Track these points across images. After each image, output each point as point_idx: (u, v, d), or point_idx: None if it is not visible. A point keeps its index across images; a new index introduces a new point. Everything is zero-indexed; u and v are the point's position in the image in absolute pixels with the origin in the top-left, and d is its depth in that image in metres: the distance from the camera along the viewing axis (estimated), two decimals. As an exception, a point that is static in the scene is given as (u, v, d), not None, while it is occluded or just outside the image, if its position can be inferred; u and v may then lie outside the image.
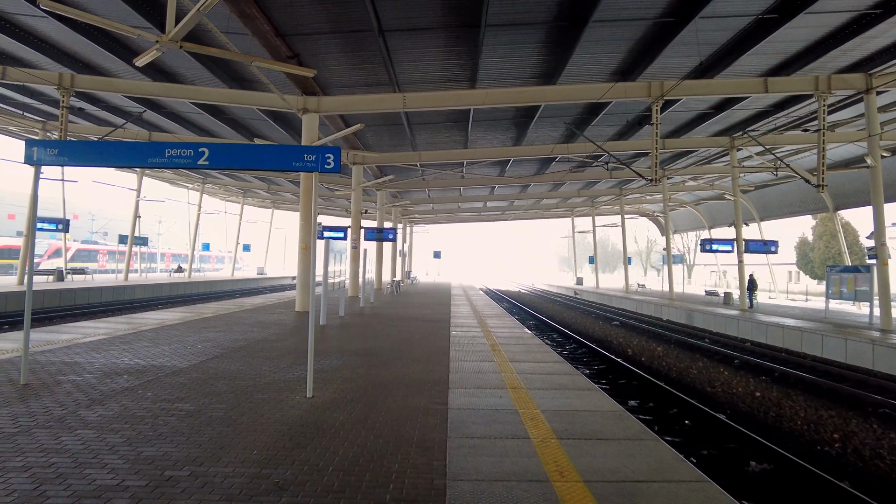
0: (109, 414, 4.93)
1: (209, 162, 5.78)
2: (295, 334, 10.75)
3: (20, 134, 26.81)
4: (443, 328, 12.48)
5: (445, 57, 14.61)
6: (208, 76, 15.43)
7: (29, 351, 7.56)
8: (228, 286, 38.69)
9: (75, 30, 12.83)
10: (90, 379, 6.26)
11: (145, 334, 10.04)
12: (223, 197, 49.69)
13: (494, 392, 6.17)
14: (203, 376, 6.61)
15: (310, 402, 5.55)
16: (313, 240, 6.75)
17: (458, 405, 5.56)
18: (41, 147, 5.85)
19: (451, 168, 29.08)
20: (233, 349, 8.66)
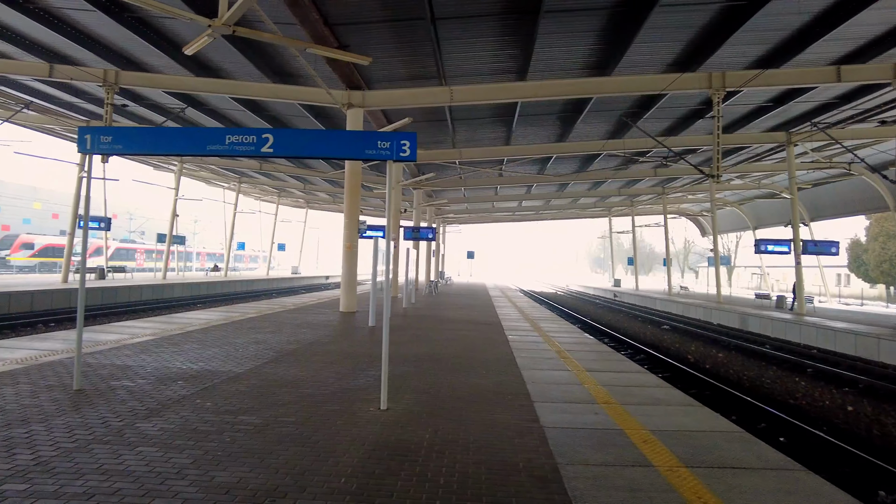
0: (170, 427, 4.43)
1: (273, 150, 5.26)
2: (346, 337, 10.25)
3: (63, 133, 27.13)
4: (496, 332, 11.84)
5: (496, 47, 13.98)
6: (251, 71, 15.10)
7: (71, 353, 7.20)
8: (264, 285, 38.75)
9: (121, 23, 12.57)
10: (144, 385, 5.81)
11: (193, 335, 9.66)
12: (258, 196, 49.96)
13: (586, 407, 5.50)
14: (262, 383, 6.11)
15: (386, 416, 4.97)
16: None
17: (551, 423, 4.92)
18: (94, 134, 5.41)
19: (489, 166, 28.41)
20: (286, 352, 8.18)
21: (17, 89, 19.99)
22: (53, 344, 8.25)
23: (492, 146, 23.75)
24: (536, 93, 15.35)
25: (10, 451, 3.80)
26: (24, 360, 6.93)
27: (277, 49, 13.82)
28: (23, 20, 13.07)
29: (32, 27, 13.53)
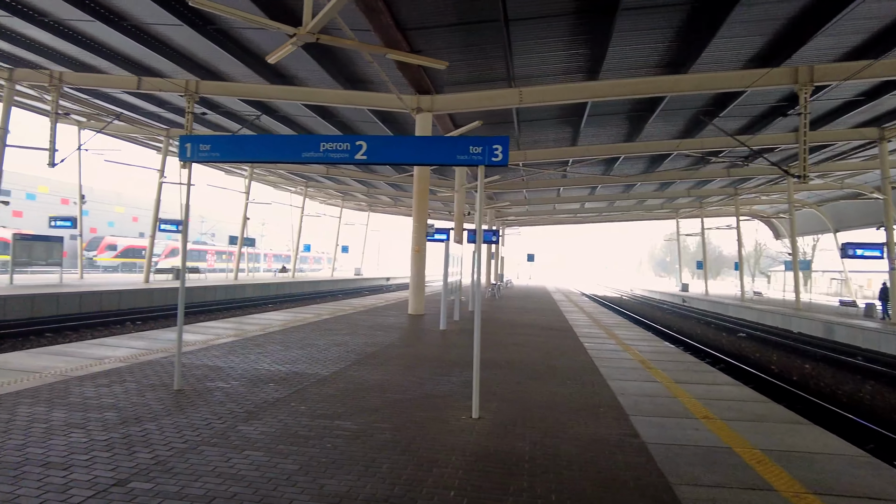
0: (271, 431, 4.51)
1: (367, 156, 5.30)
2: (420, 340, 10.27)
3: (145, 141, 28.73)
4: (570, 338, 11.58)
5: (567, 47, 13.71)
6: (324, 77, 15.45)
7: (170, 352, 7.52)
8: (329, 286, 39.68)
9: (204, 36, 13.14)
10: (238, 387, 5.98)
11: (274, 337, 9.93)
12: (323, 200, 51.29)
13: (685, 422, 5.24)
14: (350, 387, 6.17)
15: (479, 426, 4.89)
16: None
17: (653, 438, 4.70)
18: (194, 143, 5.62)
19: (553, 167, 27.98)
20: (367, 355, 8.26)
21: (108, 101, 21.31)
22: (147, 343, 8.66)
23: (557, 147, 23.37)
24: (609, 92, 14.94)
25: (130, 448, 3.97)
26: (125, 358, 7.30)
27: (350, 56, 14.08)
28: (117, 37, 13.90)
29: (124, 42, 14.37)
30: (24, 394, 5.32)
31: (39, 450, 3.87)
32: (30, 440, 4.05)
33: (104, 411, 4.83)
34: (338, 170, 32.88)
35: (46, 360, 7.01)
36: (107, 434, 4.24)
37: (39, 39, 15.02)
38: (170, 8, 11.85)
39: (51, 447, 3.92)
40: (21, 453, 3.79)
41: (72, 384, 5.77)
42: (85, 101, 21.61)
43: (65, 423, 4.48)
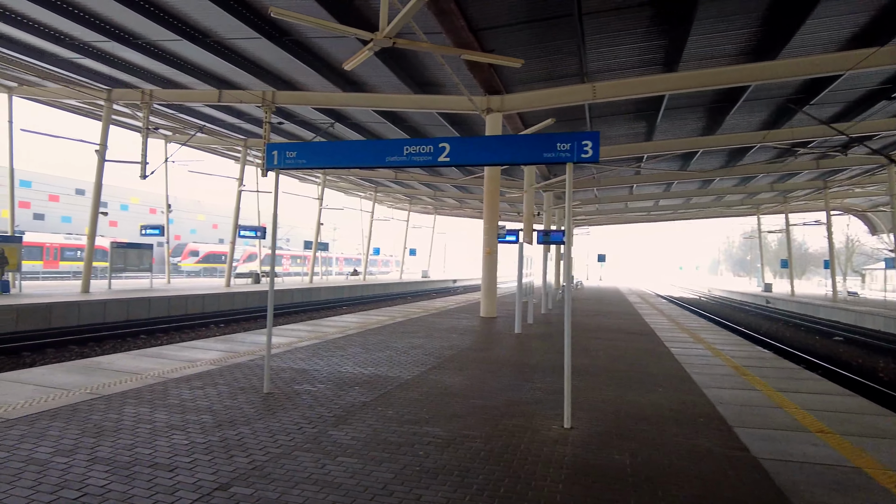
0: (361, 437, 4.48)
1: (450, 158, 5.20)
2: (496, 344, 10.10)
3: (224, 152, 30.16)
4: (653, 342, 11.06)
5: (643, 39, 13.16)
6: (394, 83, 15.61)
7: (256, 355, 7.74)
8: (398, 288, 40.21)
9: (281, 47, 13.56)
10: (324, 390, 6.04)
11: (353, 339, 10.05)
12: (390, 204, 52.15)
13: (800, 436, 4.79)
14: (432, 391, 6.09)
15: (573, 436, 4.67)
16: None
17: (764, 453, 4.32)
18: (280, 151, 5.72)
19: (626, 164, 27.07)
20: (445, 359, 8.19)
21: (191, 115, 22.50)
22: (234, 346, 8.97)
23: (631, 143, 22.57)
24: (688, 83, 14.22)
25: (228, 451, 4.04)
26: (215, 361, 7.57)
27: (421, 60, 14.14)
28: (201, 53, 14.61)
29: (207, 58, 15.08)
30: (128, 394, 5.58)
31: (147, 450, 4.01)
32: (137, 440, 4.20)
33: (201, 414, 4.98)
34: (406, 174, 33.29)
35: (145, 362, 7.37)
36: (205, 437, 4.35)
37: (132, 60, 16.02)
38: (249, 22, 12.30)
39: (156, 448, 4.06)
40: (131, 453, 3.94)
41: (169, 386, 6.01)
42: (171, 116, 22.93)
43: (167, 424, 4.63)
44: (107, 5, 12.28)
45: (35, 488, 3.36)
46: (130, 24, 13.21)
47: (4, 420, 4.62)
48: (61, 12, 12.64)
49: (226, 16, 12.03)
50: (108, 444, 4.13)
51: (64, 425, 4.52)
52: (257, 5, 11.88)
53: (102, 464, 3.74)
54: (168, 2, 12.05)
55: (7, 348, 11.77)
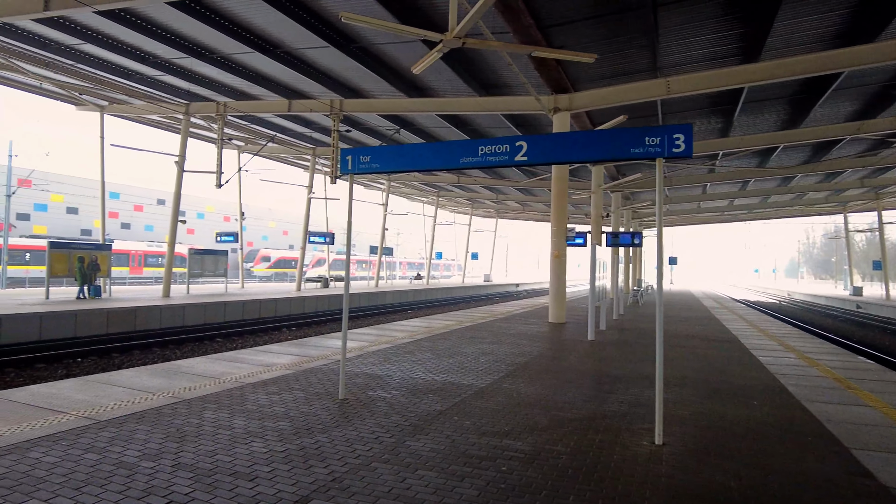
0: (440, 448, 4.30)
1: (528, 157, 4.97)
2: (569, 351, 9.72)
3: (293, 161, 31.08)
4: (739, 350, 10.34)
5: (721, 29, 12.42)
6: (459, 86, 15.50)
7: (329, 360, 7.77)
8: (461, 293, 40.14)
9: (348, 54, 13.73)
10: (399, 397, 5.92)
11: (422, 344, 9.95)
12: (452, 209, 52.28)
13: (934, 462, 4.23)
14: (509, 401, 5.85)
15: (666, 454, 4.31)
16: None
17: (895, 482, 3.81)
18: (355, 156, 5.67)
19: (699, 161, 25.83)
20: (518, 366, 7.92)
21: (262, 125, 23.29)
22: (307, 350, 9.05)
23: (706, 139, 21.47)
24: (772, 73, 13.29)
25: (306, 461, 3.96)
26: (290, 365, 7.63)
27: (486, 60, 13.96)
28: (271, 65, 15.04)
29: (276, 69, 15.51)
30: (208, 399, 5.66)
31: (227, 458, 3.98)
32: (218, 447, 4.20)
33: (278, 420, 4.95)
34: (468, 178, 33.17)
35: (222, 366, 7.53)
36: (284, 445, 4.30)
37: (208, 74, 16.72)
38: (318, 31, 12.51)
39: (236, 456, 4.03)
40: (212, 460, 3.93)
41: (246, 390, 6.07)
42: (243, 127, 23.82)
43: (245, 430, 4.63)
44: (187, 23, 12.83)
45: (124, 493, 3.37)
46: (208, 39, 13.75)
47: (96, 422, 4.76)
48: (147, 33, 13.32)
49: (296, 26, 12.29)
50: (190, 449, 4.15)
51: (149, 429, 4.59)
52: (326, 14, 12.06)
53: (186, 470, 3.73)
54: (242, 16, 12.44)
55: (99, 349, 12.46)
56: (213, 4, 12.00)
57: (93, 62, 16.07)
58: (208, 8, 12.14)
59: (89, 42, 14.28)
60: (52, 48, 15.17)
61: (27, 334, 13.02)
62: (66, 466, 3.75)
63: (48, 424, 4.66)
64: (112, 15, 12.50)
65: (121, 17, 12.70)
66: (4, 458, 3.87)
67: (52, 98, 20.41)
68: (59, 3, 11.54)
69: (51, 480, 3.51)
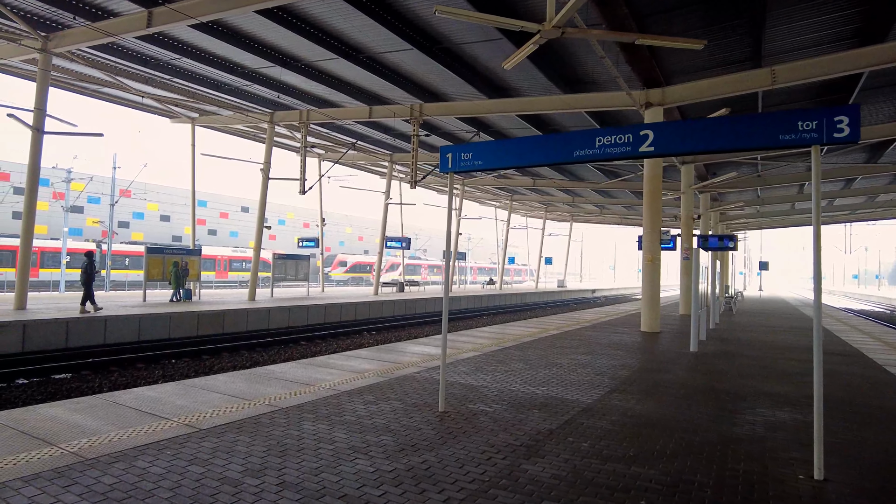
0: (562, 475, 3.84)
1: (654, 147, 4.42)
2: (674, 363, 8.95)
3: (368, 167, 31.51)
4: (868, 366, 9.19)
5: (838, 9, 11.24)
6: (543, 84, 14.98)
7: (420, 367, 7.46)
8: (535, 298, 39.28)
9: (431, 56, 13.53)
10: (501, 412, 5.49)
11: (511, 353, 9.49)
12: (525, 213, 51.45)
13: None
14: (626, 420, 5.29)
15: (834, 493, 3.64)
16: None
17: None
18: (455, 153, 5.32)
19: (799, 158, 23.82)
20: (622, 380, 7.30)
21: (342, 133, 23.66)
22: (396, 356, 8.81)
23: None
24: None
25: (418, 483, 3.61)
26: (382, 372, 7.39)
27: (573, 55, 13.38)
28: (353, 71, 15.14)
29: (358, 74, 15.59)
30: (305, 408, 5.47)
31: (333, 477, 3.70)
32: (322, 464, 3.93)
33: (380, 434, 4.65)
34: (544, 180, 32.40)
35: (315, 371, 7.39)
36: (390, 463, 3.97)
37: (292, 83, 17.09)
38: (403, 34, 12.40)
39: (342, 475, 3.74)
40: (318, 479, 3.65)
41: (343, 399, 5.84)
42: (323, 135, 24.32)
43: (348, 445, 4.35)
44: (275, 32, 13.09)
45: (231, 513, 3.14)
46: (293, 47, 13.99)
47: (197, 430, 4.64)
48: (237, 43, 13.71)
49: (381, 30, 12.24)
50: (293, 465, 3.90)
51: (250, 440, 4.41)
52: (411, 16, 11.92)
53: (292, 490, 3.47)
54: (327, 22, 12.52)
55: (190, 351, 12.85)
56: (300, 11, 12.14)
57: (187, 75, 16.80)
58: (295, 15, 12.30)
59: (185, 56, 14.89)
60: (151, 64, 15.97)
61: (128, 335, 13.65)
62: (171, 479, 3.59)
63: (152, 431, 4.58)
64: (205, 28, 12.92)
65: (212, 29, 13.11)
66: (114, 467, 3.77)
67: (149, 112, 21.64)
68: (160, 18, 12.03)
69: (158, 495, 3.34)
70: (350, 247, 67.72)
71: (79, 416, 4.94)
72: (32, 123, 14.39)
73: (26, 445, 4.15)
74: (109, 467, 3.76)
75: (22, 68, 16.79)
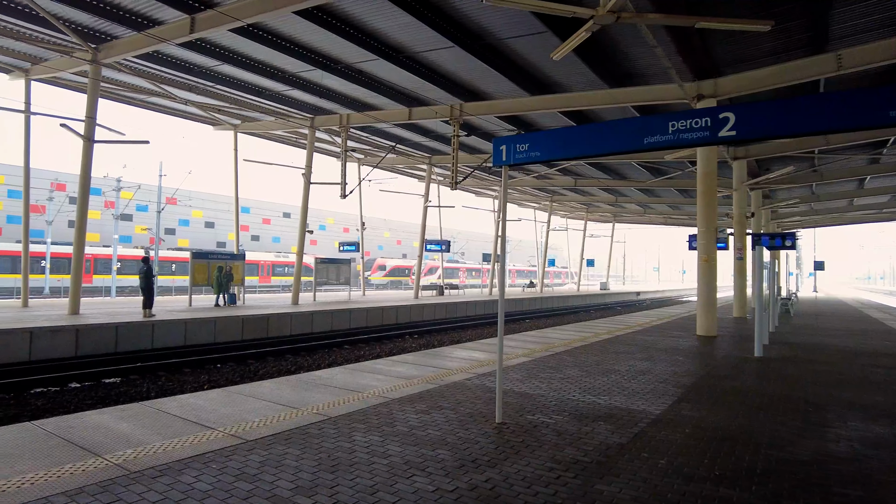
0: (645, 498, 3.42)
1: (736, 132, 3.98)
2: (740, 370, 8.34)
3: (406, 170, 31.39)
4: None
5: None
6: (589, 79, 14.48)
7: (469, 373, 7.09)
8: (578, 301, 38.46)
9: (473, 53, 13.20)
10: (563, 423, 5.10)
11: (563, 358, 9.04)
12: (565, 214, 50.52)
13: None
14: (701, 433, 4.81)
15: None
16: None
17: None
18: (510, 145, 4.97)
19: (862, 151, 22.49)
20: (687, 388, 6.79)
21: (381, 136, 23.58)
22: (443, 361, 8.50)
23: (875, 125, 18.51)
24: None
25: None
26: (430, 378, 7.08)
27: (621, 47, 12.82)
28: (393, 71, 14.91)
29: (398, 75, 15.38)
30: (354, 417, 5.19)
31: (390, 497, 3.39)
32: (377, 481, 3.63)
33: (436, 447, 4.32)
34: (586, 181, 31.64)
35: (362, 377, 7.13)
36: (451, 481, 3.64)
37: (332, 87, 17.03)
38: (444, 31, 12.13)
39: (400, 495, 3.42)
40: (374, 499, 3.35)
41: (393, 408, 5.55)
42: (363, 140, 24.28)
43: (403, 460, 4.03)
44: (315, 34, 13.00)
45: (282, 538, 2.86)
46: (334, 49, 13.87)
47: (244, 441, 4.41)
48: (277, 47, 13.69)
49: (422, 28, 11.99)
50: (346, 482, 3.61)
51: (299, 453, 4.14)
52: (453, 12, 11.62)
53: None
54: (368, 22, 12.34)
55: (236, 356, 12.84)
56: (340, 12, 11.99)
57: (228, 82, 16.94)
58: (335, 16, 12.17)
59: (226, 62, 15.00)
60: (194, 71, 16.16)
61: (175, 339, 13.76)
62: (218, 497, 3.34)
63: (197, 442, 4.37)
64: (245, 32, 12.93)
65: (253, 33, 13.11)
66: (158, 482, 3.55)
67: (193, 120, 22.01)
68: (202, 24, 12.09)
69: (205, 515, 3.10)
70: (388, 251, 68.01)
71: (124, 425, 4.78)
72: (83, 133, 14.73)
73: (72, 456, 3.99)
74: (154, 482, 3.54)
75: (72, 80, 17.28)
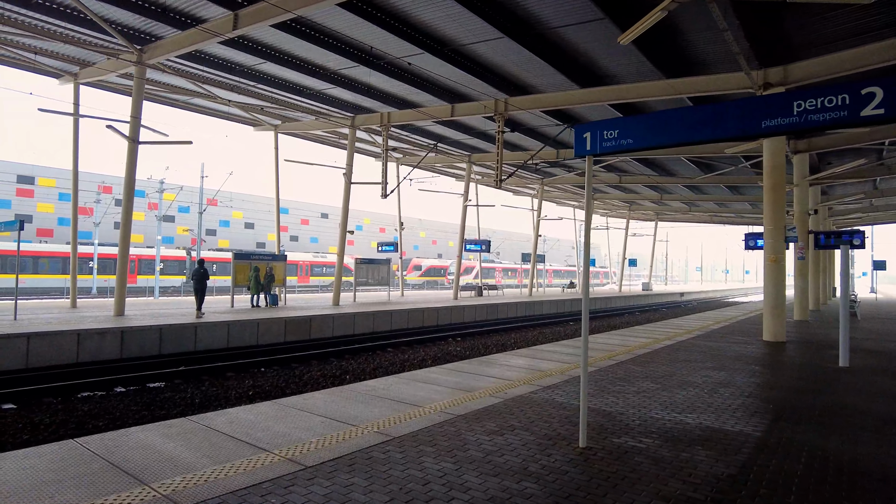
0: (788, 553, 2.83)
1: (885, 110, 3.32)
2: (828, 382, 7.54)
3: (443, 170, 30.94)
4: None
5: None
6: (644, 69, 13.72)
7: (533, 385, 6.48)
8: (621, 303, 37.37)
9: (522, 44, 12.62)
10: (655, 448, 4.49)
11: (630, 368, 8.39)
12: (605, 212, 49.28)
13: None
14: (821, 464, 4.14)
15: None
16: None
17: None
18: (595, 132, 4.40)
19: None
20: (779, 403, 6.08)
21: (421, 135, 23.16)
22: (501, 370, 7.96)
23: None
24: None
25: (596, 563, 2.71)
26: (494, 391, 6.54)
27: (680, 35, 12.04)
28: (437, 64, 14.42)
29: (442, 69, 14.87)
30: (420, 438, 4.70)
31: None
32: (461, 522, 3.12)
33: (520, 478, 3.79)
34: (630, 178, 30.61)
35: (417, 388, 6.66)
36: (547, 523, 3.10)
37: (373, 84, 16.66)
38: (493, 21, 11.60)
39: (492, 541, 2.90)
40: (463, 548, 2.83)
41: (460, 427, 5.04)
42: (404, 139, 23.91)
43: (486, 495, 3.50)
44: (359, 29, 12.63)
45: None
46: (377, 43, 13.48)
47: (303, 467, 3.96)
48: (319, 42, 13.38)
49: (470, 17, 11.50)
50: (426, 521, 3.11)
51: (366, 484, 3.66)
52: (506, 1, 11.06)
53: (435, 564, 2.67)
54: (413, 13, 11.90)
55: (279, 359, 12.56)
56: (384, 3, 11.57)
57: (270, 81, 16.76)
58: (379, 8, 11.76)
59: (268, 60, 14.78)
60: (235, 71, 16.03)
61: (217, 342, 13.60)
62: (283, 541, 2.88)
63: (252, 468, 3.94)
64: (288, 28, 12.66)
65: (295, 29, 12.83)
66: (213, 518, 3.12)
67: (234, 121, 22.00)
68: (245, 20, 11.84)
69: (270, 567, 2.63)
70: (424, 251, 67.77)
71: (171, 445, 4.39)
72: (129, 134, 14.73)
73: (116, 485, 3.60)
74: (209, 519, 3.11)
75: (117, 83, 17.38)
